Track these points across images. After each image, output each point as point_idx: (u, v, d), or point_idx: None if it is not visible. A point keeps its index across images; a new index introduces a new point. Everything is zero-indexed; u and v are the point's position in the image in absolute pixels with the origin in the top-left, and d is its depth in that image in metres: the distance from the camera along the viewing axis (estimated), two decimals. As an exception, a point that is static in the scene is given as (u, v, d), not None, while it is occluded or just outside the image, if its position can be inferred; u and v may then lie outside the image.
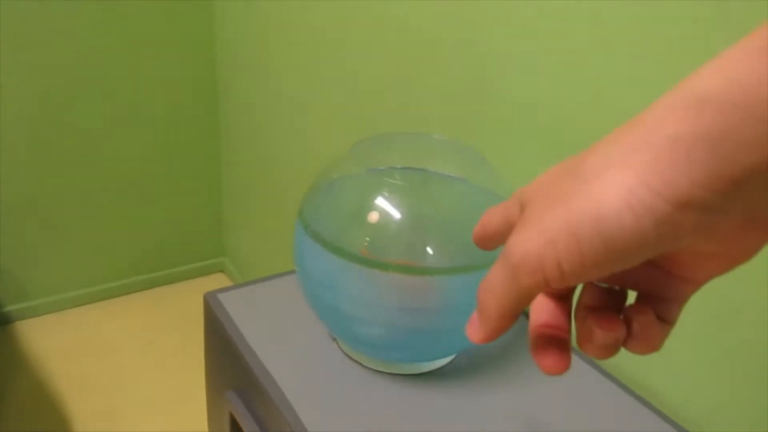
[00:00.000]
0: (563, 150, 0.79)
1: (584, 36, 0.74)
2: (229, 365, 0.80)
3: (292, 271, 0.92)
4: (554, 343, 0.32)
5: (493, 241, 0.37)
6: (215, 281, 2.17)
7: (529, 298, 0.28)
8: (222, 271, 2.24)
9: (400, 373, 0.74)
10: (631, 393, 0.73)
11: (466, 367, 0.76)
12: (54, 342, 1.75)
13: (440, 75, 0.98)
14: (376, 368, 0.75)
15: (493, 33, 0.85)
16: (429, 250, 0.69)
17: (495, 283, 0.29)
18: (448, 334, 0.72)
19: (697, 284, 0.30)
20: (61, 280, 1.85)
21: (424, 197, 0.71)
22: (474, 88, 0.91)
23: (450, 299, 0.69)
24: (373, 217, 0.67)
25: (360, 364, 0.75)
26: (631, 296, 0.32)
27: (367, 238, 0.67)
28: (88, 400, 1.61)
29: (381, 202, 0.68)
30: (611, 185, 0.24)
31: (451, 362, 0.77)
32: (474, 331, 0.32)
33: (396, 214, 0.68)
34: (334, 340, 0.78)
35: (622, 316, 0.31)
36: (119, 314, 1.87)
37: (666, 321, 0.31)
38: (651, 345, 0.31)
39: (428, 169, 0.77)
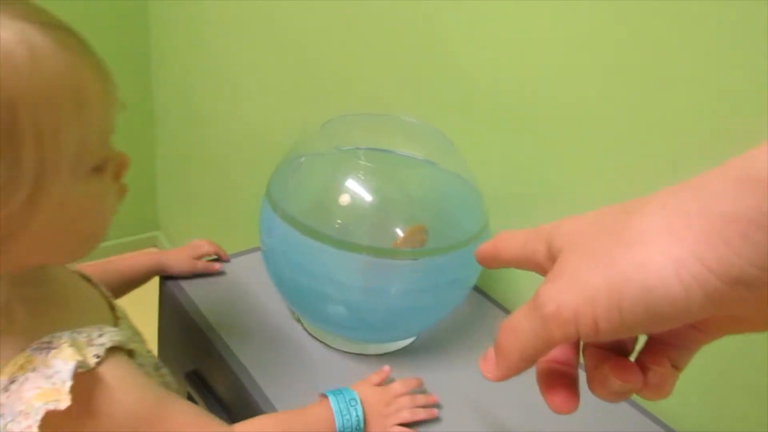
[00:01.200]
0: (523, 133, 0.81)
1: (546, 12, 0.75)
2: (189, 346, 0.79)
3: (247, 251, 0.90)
4: (563, 379, 0.32)
5: (500, 263, 0.36)
6: (148, 256, 2.10)
7: (553, 346, 0.29)
8: (155, 245, 2.18)
9: (364, 353, 0.75)
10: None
11: (427, 347, 0.78)
12: None
13: (393, 52, 0.98)
14: (340, 348, 0.75)
15: (451, 10, 0.86)
16: (397, 231, 0.70)
17: (521, 329, 0.29)
18: (411, 314, 0.73)
19: (715, 337, 0.31)
20: None
21: (392, 179, 0.71)
22: (430, 66, 0.92)
23: (414, 281, 0.70)
24: (343, 198, 0.67)
25: (324, 343, 0.75)
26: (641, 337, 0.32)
27: (339, 221, 0.67)
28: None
29: (350, 183, 0.68)
30: (659, 254, 0.25)
31: (412, 342, 0.78)
32: (489, 369, 0.32)
33: (365, 196, 0.68)
34: (298, 320, 0.78)
35: (635, 360, 0.31)
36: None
37: (676, 367, 0.31)
38: (664, 393, 0.31)
39: (396, 150, 0.78)
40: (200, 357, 0.77)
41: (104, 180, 0.49)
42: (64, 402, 0.45)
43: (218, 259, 0.87)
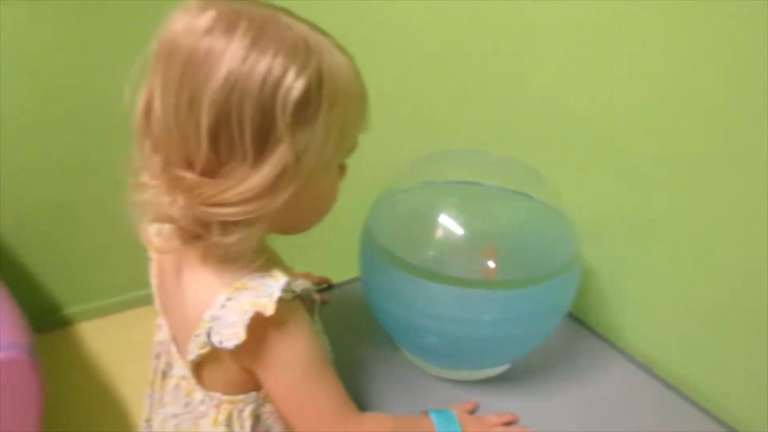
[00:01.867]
0: (611, 161, 0.82)
1: (647, 51, 0.76)
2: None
3: (348, 281, 0.95)
4: None
5: None
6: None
7: None
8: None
9: (460, 379, 0.78)
10: (680, 393, 0.77)
11: (522, 373, 0.79)
12: (114, 343, 1.81)
13: (475, 84, 1.01)
14: (437, 374, 0.78)
15: (536, 41, 0.88)
16: (490, 264, 0.72)
17: None
18: (503, 344, 0.75)
19: None
20: (121, 281, 1.90)
21: (483, 211, 0.74)
22: (514, 98, 0.95)
23: (505, 311, 0.71)
24: (437, 233, 0.71)
25: (421, 369, 0.79)
26: None
27: (431, 253, 0.71)
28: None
29: (444, 219, 0.72)
30: None
31: (507, 369, 0.80)
32: None
33: (456, 229, 0.72)
34: (398, 348, 0.82)
35: None
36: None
37: None
38: None
39: (486, 183, 0.81)
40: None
41: (339, 177, 0.64)
42: (270, 310, 0.55)
43: (327, 288, 0.92)
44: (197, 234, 0.57)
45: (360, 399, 0.74)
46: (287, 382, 0.61)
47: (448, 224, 0.71)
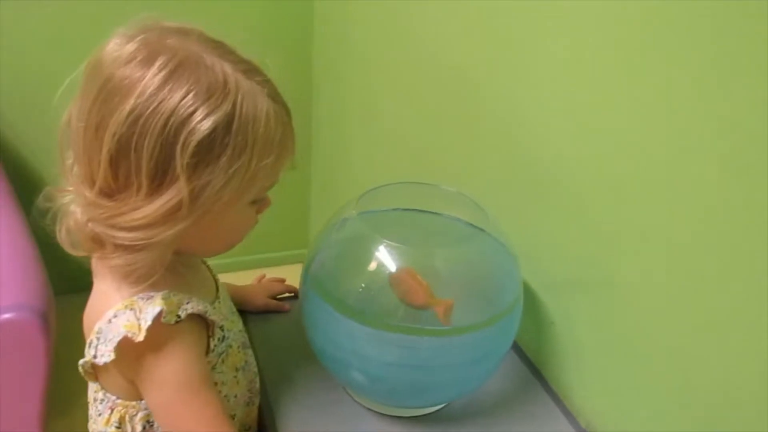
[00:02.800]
0: (586, 222, 0.77)
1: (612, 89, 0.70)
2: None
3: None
4: None
5: None
6: (295, 271, 2.24)
7: None
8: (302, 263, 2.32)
9: (395, 414, 0.76)
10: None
11: (461, 409, 0.78)
12: None
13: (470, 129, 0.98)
14: (371, 408, 0.77)
15: (533, 87, 0.84)
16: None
17: None
18: (440, 388, 0.74)
19: None
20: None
21: (424, 258, 0.72)
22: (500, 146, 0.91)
23: (441, 357, 0.69)
24: (371, 266, 0.69)
25: (358, 403, 0.78)
26: None
27: (363, 285, 0.70)
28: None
29: (383, 263, 0.69)
30: None
31: (447, 405, 0.79)
32: None
33: (390, 265, 0.69)
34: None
35: None
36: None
37: None
38: None
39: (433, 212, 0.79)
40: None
41: (252, 212, 0.64)
42: (140, 336, 0.58)
43: (293, 296, 0.94)
44: (93, 248, 0.60)
45: (282, 417, 0.74)
46: (159, 401, 0.63)
47: (382, 257, 0.69)
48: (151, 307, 0.59)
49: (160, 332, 0.59)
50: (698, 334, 0.62)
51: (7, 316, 1.16)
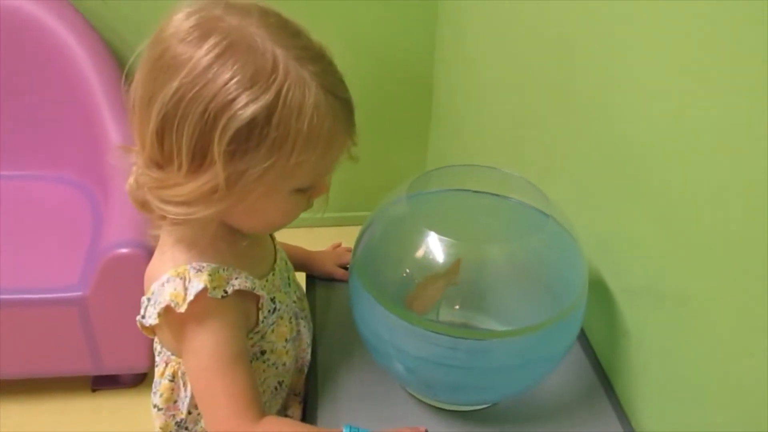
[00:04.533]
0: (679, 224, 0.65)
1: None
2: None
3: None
4: None
5: None
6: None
7: None
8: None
9: (442, 407, 0.72)
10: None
11: (510, 406, 0.73)
12: None
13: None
14: (417, 396, 0.73)
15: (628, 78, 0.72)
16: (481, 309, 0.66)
17: None
18: (491, 389, 0.69)
19: None
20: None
21: (477, 256, 0.66)
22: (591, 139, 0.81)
23: (496, 360, 0.65)
24: (419, 253, 0.65)
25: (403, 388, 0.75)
26: None
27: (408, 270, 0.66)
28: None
29: (438, 258, 0.64)
30: None
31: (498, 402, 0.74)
32: None
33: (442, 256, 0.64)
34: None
35: None
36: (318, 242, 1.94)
37: None
38: None
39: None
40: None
41: (299, 199, 0.62)
42: (182, 308, 0.59)
43: None
44: (143, 211, 0.63)
45: (329, 393, 0.73)
46: (192, 366, 0.65)
47: (433, 246, 0.63)
48: (198, 281, 0.60)
49: (204, 305, 0.61)
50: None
51: (123, 251, 1.26)
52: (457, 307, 0.68)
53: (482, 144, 1.39)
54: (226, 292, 0.62)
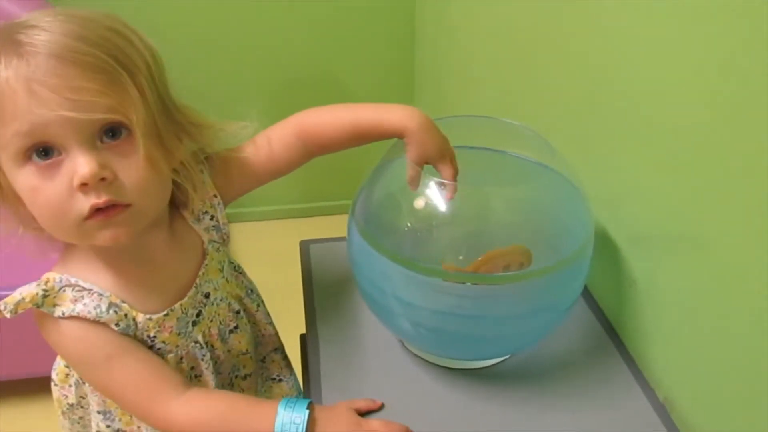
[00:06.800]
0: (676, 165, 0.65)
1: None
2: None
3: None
4: None
5: None
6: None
7: None
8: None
9: (449, 366, 0.70)
10: None
11: (520, 365, 0.71)
12: (257, 250, 1.92)
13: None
14: (423, 357, 0.72)
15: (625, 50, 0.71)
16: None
17: None
18: (496, 341, 0.67)
19: None
20: (274, 193, 2.02)
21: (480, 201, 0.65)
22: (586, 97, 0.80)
23: (503, 307, 0.64)
24: (418, 203, 0.64)
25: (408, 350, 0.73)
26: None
27: (409, 224, 0.64)
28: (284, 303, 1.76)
29: (439, 204, 0.63)
30: None
31: (506, 359, 0.72)
32: None
33: (453, 221, 0.64)
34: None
35: None
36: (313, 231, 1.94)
37: None
38: None
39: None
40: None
41: (56, 186, 0.54)
42: (6, 314, 0.59)
43: None
44: None
45: (331, 360, 0.71)
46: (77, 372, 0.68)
47: (445, 215, 0.62)
48: (28, 289, 0.60)
49: (41, 317, 0.61)
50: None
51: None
52: (461, 257, 0.66)
53: (476, 97, 1.35)
54: (63, 313, 0.60)
